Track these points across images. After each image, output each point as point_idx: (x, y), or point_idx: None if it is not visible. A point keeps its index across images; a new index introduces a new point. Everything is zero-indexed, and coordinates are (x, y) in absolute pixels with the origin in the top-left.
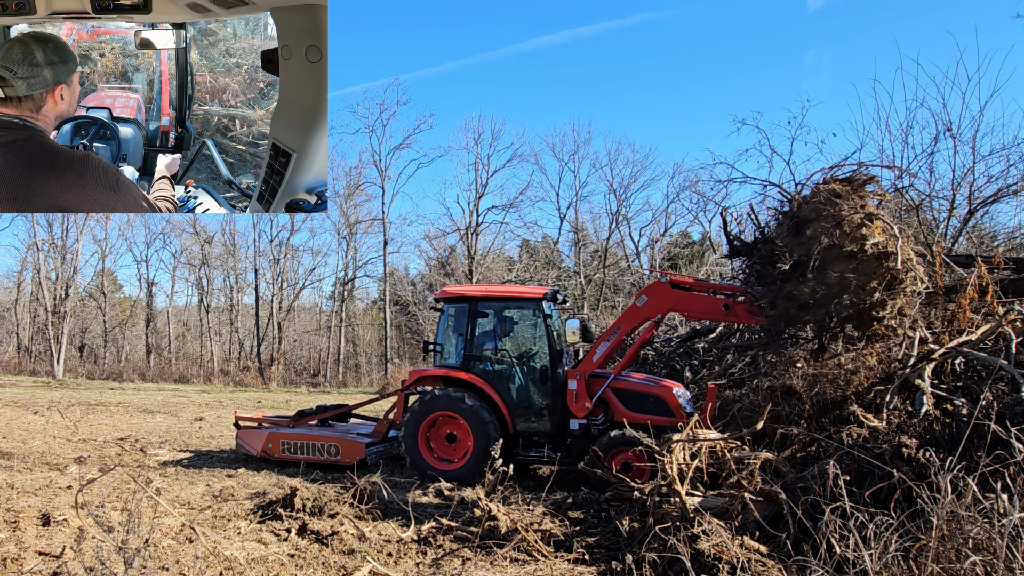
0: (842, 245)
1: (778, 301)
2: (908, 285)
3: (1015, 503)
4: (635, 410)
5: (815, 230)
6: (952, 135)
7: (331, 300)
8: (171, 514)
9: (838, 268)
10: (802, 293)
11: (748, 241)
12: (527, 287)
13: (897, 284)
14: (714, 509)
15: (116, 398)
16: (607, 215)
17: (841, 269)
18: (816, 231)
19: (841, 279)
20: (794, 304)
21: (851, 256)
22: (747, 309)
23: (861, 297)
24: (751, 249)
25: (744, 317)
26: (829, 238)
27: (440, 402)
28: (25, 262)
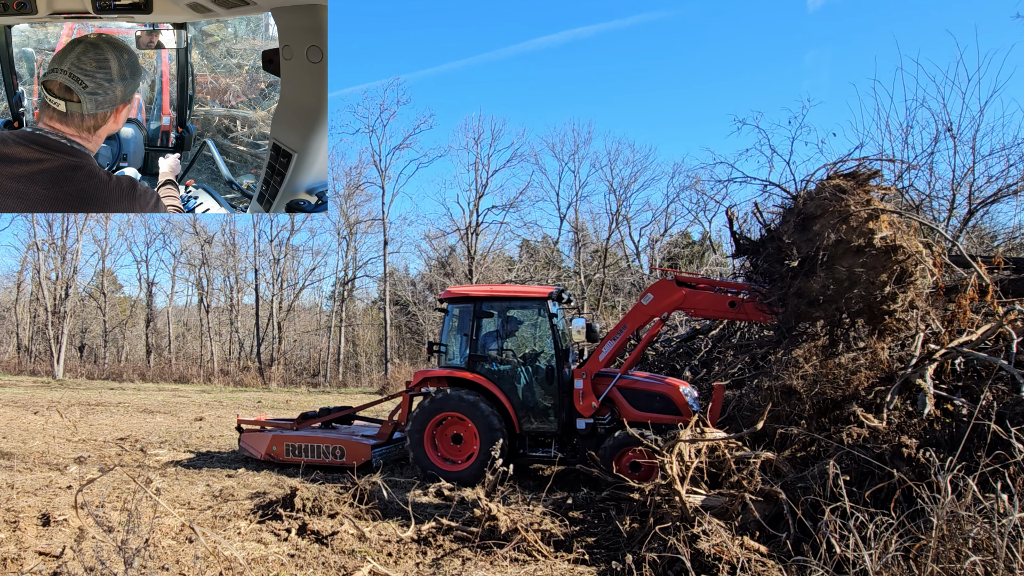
0: (849, 240)
1: (788, 298)
2: (918, 278)
3: (1015, 503)
4: (642, 409)
5: (822, 226)
6: (952, 135)
7: (331, 300)
8: (171, 514)
9: (847, 263)
10: (812, 289)
11: (754, 239)
12: (532, 286)
13: (907, 277)
14: (714, 509)
15: (116, 398)
16: (607, 215)
17: (850, 264)
18: (823, 227)
19: (850, 274)
20: (804, 300)
21: (859, 251)
22: (755, 307)
23: (871, 291)
24: (758, 247)
25: (751, 315)
26: (836, 233)
27: (451, 403)
28: (25, 262)
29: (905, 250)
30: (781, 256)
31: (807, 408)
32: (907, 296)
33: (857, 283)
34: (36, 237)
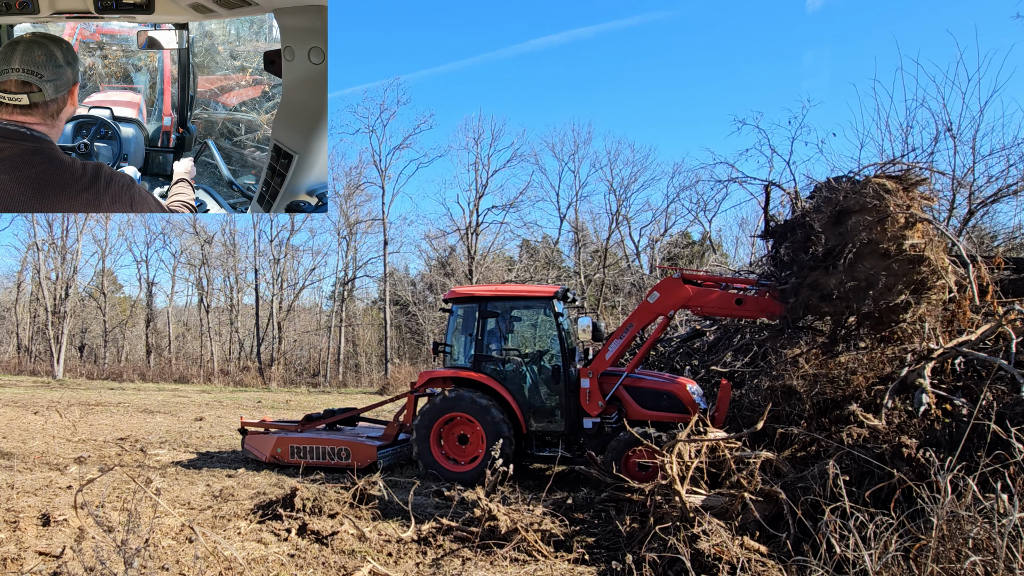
0: (879, 242)
1: (802, 288)
2: (935, 293)
3: (1015, 503)
4: (649, 407)
5: (856, 222)
6: (952, 135)
7: (331, 300)
8: (171, 514)
9: (869, 264)
10: (827, 284)
11: (784, 222)
12: (537, 286)
13: (924, 289)
14: (714, 509)
15: (116, 398)
16: (607, 215)
17: (873, 266)
18: (857, 223)
19: (869, 276)
20: (817, 293)
21: (885, 254)
22: (762, 304)
23: (886, 297)
24: (786, 231)
25: (757, 312)
26: (869, 233)
27: (461, 403)
28: (25, 262)
29: (931, 263)
30: (807, 245)
31: (807, 408)
32: (919, 309)
33: (874, 286)
34: (36, 237)
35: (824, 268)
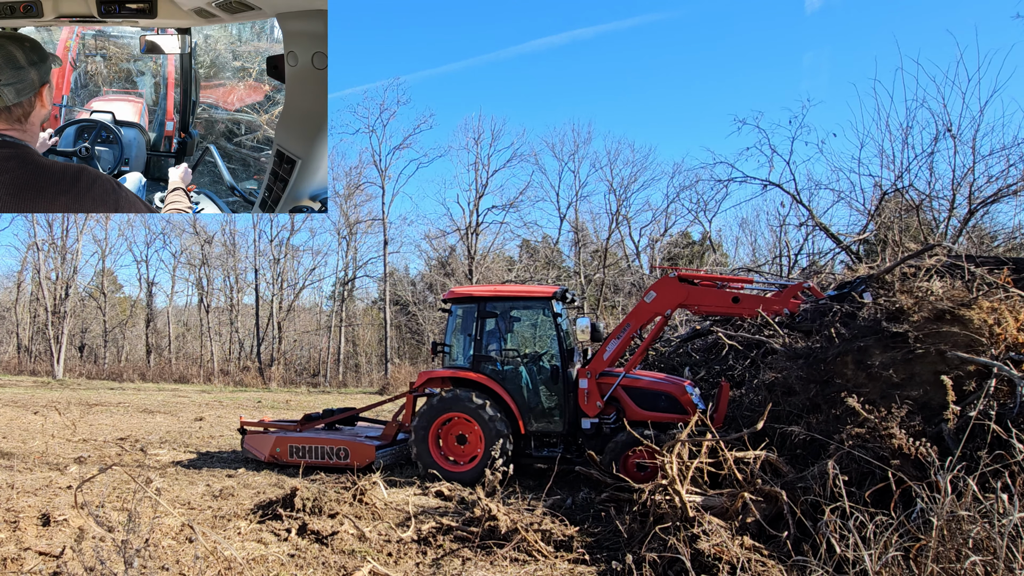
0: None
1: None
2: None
3: (1015, 503)
4: (647, 408)
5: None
6: (952, 135)
7: (331, 300)
8: (171, 514)
9: (889, 368)
10: (843, 375)
11: (850, 292)
12: (536, 286)
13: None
14: (714, 509)
15: (116, 398)
16: (607, 215)
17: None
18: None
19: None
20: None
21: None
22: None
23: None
24: (844, 297)
25: (754, 310)
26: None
27: (460, 404)
28: (25, 262)
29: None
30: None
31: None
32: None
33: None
34: (36, 237)
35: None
